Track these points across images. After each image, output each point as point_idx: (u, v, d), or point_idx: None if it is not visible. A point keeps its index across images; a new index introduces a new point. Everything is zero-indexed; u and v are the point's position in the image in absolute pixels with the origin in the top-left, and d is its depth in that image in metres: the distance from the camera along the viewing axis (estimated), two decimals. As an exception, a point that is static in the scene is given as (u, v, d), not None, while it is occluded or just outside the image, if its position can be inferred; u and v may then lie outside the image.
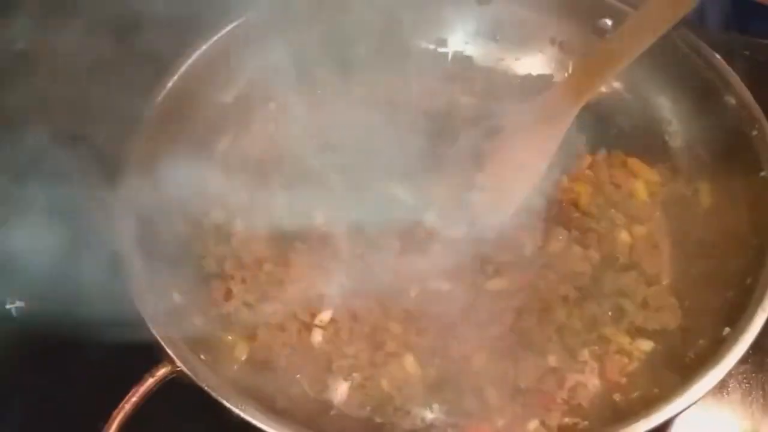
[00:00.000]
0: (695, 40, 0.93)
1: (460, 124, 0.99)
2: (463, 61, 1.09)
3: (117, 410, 0.70)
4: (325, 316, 0.86)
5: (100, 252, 0.84)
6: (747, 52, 1.13)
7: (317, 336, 0.86)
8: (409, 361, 0.84)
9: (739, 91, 0.88)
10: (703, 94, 0.92)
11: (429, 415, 0.83)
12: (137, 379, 0.71)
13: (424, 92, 1.03)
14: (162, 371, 0.71)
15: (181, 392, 0.72)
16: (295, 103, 1.00)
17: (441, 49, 1.10)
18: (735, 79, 0.90)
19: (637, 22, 0.89)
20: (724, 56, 0.92)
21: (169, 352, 0.72)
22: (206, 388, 0.70)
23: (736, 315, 0.76)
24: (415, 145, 0.98)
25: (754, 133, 0.85)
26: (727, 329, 0.75)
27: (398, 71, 1.05)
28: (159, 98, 0.92)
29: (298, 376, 0.85)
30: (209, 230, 0.93)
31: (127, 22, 0.99)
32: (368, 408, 0.83)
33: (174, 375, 0.72)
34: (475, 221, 0.90)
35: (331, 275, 0.88)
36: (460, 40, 1.09)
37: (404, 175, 0.96)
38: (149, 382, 0.71)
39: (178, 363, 0.71)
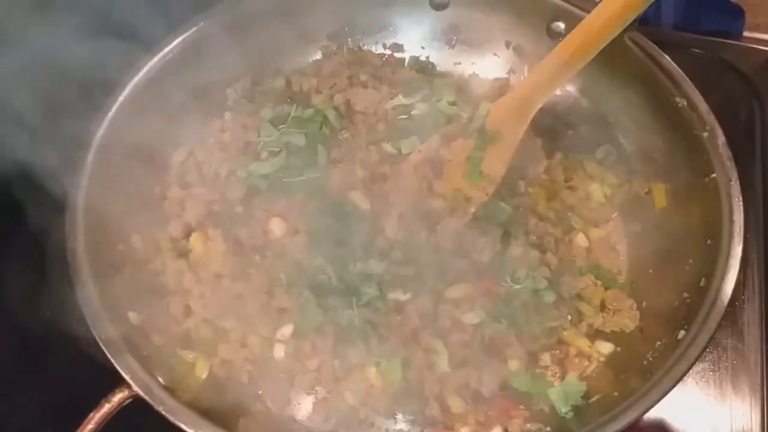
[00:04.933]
0: (646, 42, 0.93)
1: (419, 130, 0.99)
2: (419, 65, 1.08)
3: (73, 438, 0.69)
4: (286, 330, 0.86)
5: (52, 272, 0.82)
6: (699, 51, 1.15)
7: (279, 351, 0.86)
8: (372, 372, 0.84)
9: (689, 93, 0.89)
10: (654, 95, 0.93)
11: (393, 426, 0.83)
12: (93, 405, 0.70)
13: (382, 98, 1.03)
14: (118, 396, 0.70)
15: (142, 415, 0.71)
16: (250, 113, 0.99)
17: (397, 55, 1.09)
18: (685, 80, 0.90)
19: (587, 26, 0.89)
20: (676, 55, 0.93)
21: (125, 376, 0.71)
22: (163, 412, 0.69)
23: (692, 316, 0.77)
24: (374, 152, 0.98)
25: (705, 134, 0.86)
26: (682, 332, 0.76)
27: (354, 77, 1.04)
28: (110, 112, 0.91)
29: (261, 392, 0.84)
30: (166, 245, 0.92)
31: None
32: (333, 421, 0.83)
33: (131, 399, 0.71)
34: (434, 228, 0.90)
35: (292, 288, 0.87)
36: (416, 45, 1.09)
37: (363, 182, 0.95)
38: (105, 408, 0.70)
39: (135, 387, 0.71)
